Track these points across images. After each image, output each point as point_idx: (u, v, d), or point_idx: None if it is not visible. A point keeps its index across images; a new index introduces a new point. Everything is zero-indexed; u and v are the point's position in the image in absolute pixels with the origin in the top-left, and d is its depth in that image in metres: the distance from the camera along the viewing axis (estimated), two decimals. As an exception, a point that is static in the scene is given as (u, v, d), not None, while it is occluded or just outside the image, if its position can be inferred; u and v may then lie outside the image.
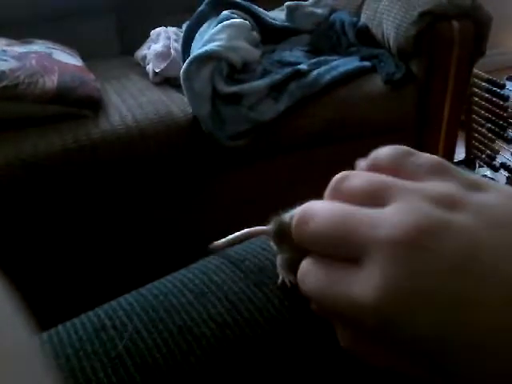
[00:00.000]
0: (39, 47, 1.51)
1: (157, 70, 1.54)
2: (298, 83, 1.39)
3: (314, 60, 1.52)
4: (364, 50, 1.59)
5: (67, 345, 0.29)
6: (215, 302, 0.29)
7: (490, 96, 1.80)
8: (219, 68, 1.36)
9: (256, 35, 1.57)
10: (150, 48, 1.67)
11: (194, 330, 0.28)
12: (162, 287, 0.32)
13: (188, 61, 1.35)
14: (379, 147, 0.29)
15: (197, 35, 1.54)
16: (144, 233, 1.41)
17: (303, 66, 1.44)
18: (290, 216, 0.29)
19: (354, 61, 1.52)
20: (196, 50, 1.42)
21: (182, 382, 0.26)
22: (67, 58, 1.50)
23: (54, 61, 1.42)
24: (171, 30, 1.75)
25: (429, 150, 0.28)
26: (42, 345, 0.30)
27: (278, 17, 1.75)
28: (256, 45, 1.55)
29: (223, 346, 0.27)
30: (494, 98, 1.78)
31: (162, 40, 1.66)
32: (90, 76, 1.44)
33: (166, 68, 1.54)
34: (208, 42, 1.41)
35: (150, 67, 1.58)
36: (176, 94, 1.45)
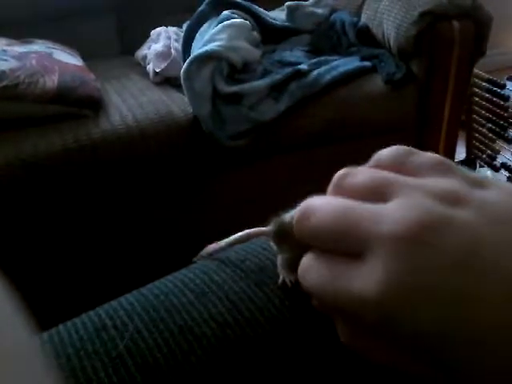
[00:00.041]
0: (39, 47, 1.51)
1: (157, 70, 1.54)
2: (298, 83, 1.39)
3: (315, 60, 1.52)
4: (364, 50, 1.59)
5: (68, 344, 0.29)
6: (216, 302, 0.29)
7: (490, 96, 1.80)
8: (220, 68, 1.36)
9: (256, 35, 1.57)
10: (150, 48, 1.67)
11: (194, 329, 0.28)
12: (163, 287, 0.32)
13: (188, 61, 1.35)
14: (379, 147, 0.29)
15: (197, 35, 1.54)
16: (144, 232, 1.41)
17: (303, 66, 1.44)
18: (289, 216, 0.29)
19: (355, 61, 1.52)
20: (196, 49, 1.42)
21: (182, 382, 0.26)
22: (67, 58, 1.50)
23: (54, 61, 1.42)
24: (171, 29, 1.75)
25: (429, 150, 0.28)
26: (43, 344, 0.30)
27: (278, 17, 1.75)
28: (256, 45, 1.55)
29: (224, 346, 0.27)
30: (494, 98, 1.78)
31: (162, 40, 1.67)
32: (90, 76, 1.44)
33: (166, 68, 1.54)
34: (208, 42, 1.41)
35: (150, 67, 1.58)
36: (176, 94, 1.45)
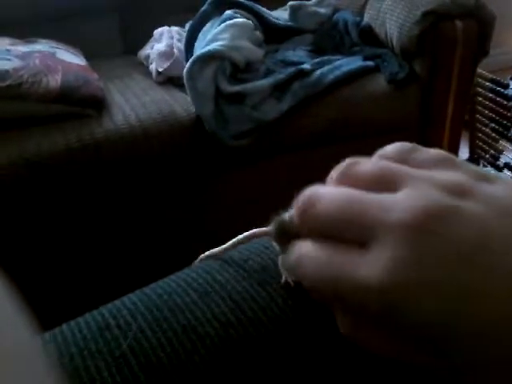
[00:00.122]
0: (43, 46, 1.51)
1: (160, 70, 1.54)
2: (301, 83, 1.39)
3: (317, 60, 1.52)
4: (367, 50, 1.59)
5: (71, 344, 0.29)
6: (219, 302, 0.29)
7: (493, 96, 1.79)
8: (222, 67, 1.36)
9: (259, 35, 1.57)
10: (153, 47, 1.67)
11: (198, 329, 0.28)
12: (166, 286, 0.32)
13: (191, 60, 1.35)
14: (383, 147, 0.29)
15: (200, 35, 1.54)
16: (147, 232, 1.41)
17: (306, 66, 1.44)
18: (289, 215, 0.29)
19: (357, 60, 1.52)
20: (199, 49, 1.42)
21: (186, 381, 0.26)
22: (71, 58, 1.50)
23: (57, 60, 1.42)
24: (174, 29, 1.75)
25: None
26: (46, 344, 0.30)
27: (281, 16, 1.75)
28: (259, 44, 1.54)
29: (227, 346, 0.27)
30: (497, 98, 1.78)
31: (165, 39, 1.67)
32: (93, 75, 1.44)
33: (169, 67, 1.54)
34: (211, 42, 1.41)
35: (153, 67, 1.58)
36: (179, 94, 1.45)
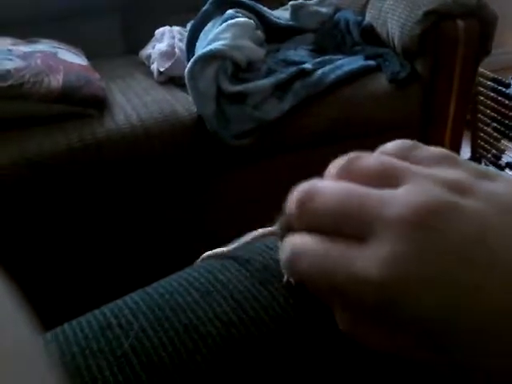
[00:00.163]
0: (44, 46, 1.51)
1: (161, 69, 1.54)
2: (302, 82, 1.39)
3: (319, 59, 1.52)
4: (369, 49, 1.59)
5: (73, 343, 0.29)
6: (220, 301, 0.29)
7: (495, 95, 1.79)
8: (224, 67, 1.36)
9: (260, 34, 1.57)
10: (154, 47, 1.67)
11: (199, 328, 0.28)
12: (168, 286, 0.32)
13: (192, 60, 1.35)
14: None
15: (201, 34, 1.54)
16: (149, 231, 1.41)
17: (308, 65, 1.44)
18: None
19: (359, 60, 1.52)
20: (201, 49, 1.42)
21: (187, 381, 0.26)
22: (72, 58, 1.50)
23: (59, 60, 1.42)
24: (176, 29, 1.75)
25: None
26: (48, 343, 0.30)
27: (282, 16, 1.75)
28: (260, 44, 1.54)
29: (229, 345, 0.27)
30: (499, 97, 1.78)
31: (166, 39, 1.67)
32: (95, 75, 1.44)
33: (170, 67, 1.54)
34: (212, 41, 1.41)
35: (154, 66, 1.58)
36: (181, 93, 1.45)
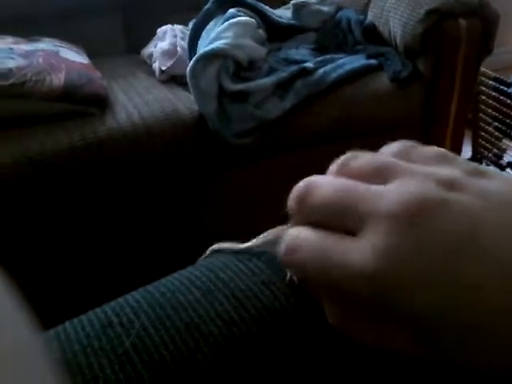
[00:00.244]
0: (46, 45, 1.51)
1: (163, 68, 1.54)
2: (304, 81, 1.39)
3: (320, 58, 1.51)
4: (370, 48, 1.59)
5: (74, 341, 0.29)
6: (222, 300, 0.29)
7: (497, 94, 1.79)
8: (225, 66, 1.36)
9: (262, 33, 1.57)
10: (156, 46, 1.67)
11: (201, 327, 0.28)
12: (169, 284, 0.32)
13: (194, 59, 1.35)
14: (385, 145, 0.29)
15: (203, 33, 1.54)
16: (151, 230, 1.41)
17: (309, 64, 1.44)
18: None
19: (361, 59, 1.51)
20: (202, 48, 1.42)
21: (189, 379, 0.26)
22: (74, 56, 1.50)
23: (60, 59, 1.42)
24: (177, 27, 1.75)
25: None
26: (49, 342, 0.30)
27: (284, 15, 1.75)
28: (262, 43, 1.54)
29: (230, 344, 0.27)
30: (501, 97, 1.77)
31: (168, 38, 1.67)
32: (96, 74, 1.45)
33: (172, 66, 1.54)
34: (214, 40, 1.41)
35: (156, 65, 1.58)
36: (182, 92, 1.45)
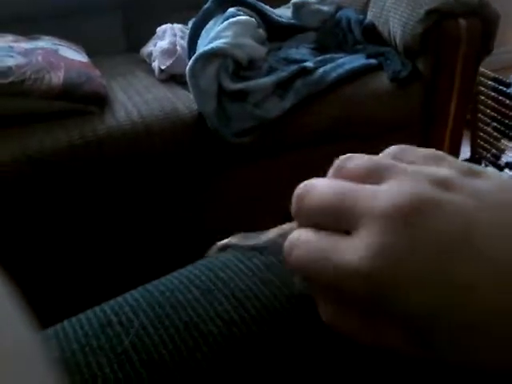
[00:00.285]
0: (45, 43, 1.51)
1: (162, 67, 1.54)
2: (303, 81, 1.39)
3: (320, 57, 1.51)
4: (370, 48, 1.59)
5: (73, 340, 0.29)
6: (222, 300, 0.29)
7: (496, 95, 1.79)
8: (225, 65, 1.36)
9: (262, 32, 1.57)
10: (155, 45, 1.66)
11: (200, 326, 0.28)
12: (169, 283, 0.32)
13: (194, 58, 1.35)
14: (385, 145, 0.29)
15: (203, 32, 1.54)
16: (150, 229, 1.41)
17: (309, 64, 1.44)
18: None
19: (360, 58, 1.52)
20: (202, 47, 1.42)
21: (188, 379, 0.26)
22: (73, 55, 1.50)
23: (60, 57, 1.42)
24: (177, 26, 1.75)
25: (434, 148, 0.29)
26: (48, 340, 0.30)
27: (284, 14, 1.74)
28: (262, 42, 1.54)
29: (230, 344, 0.27)
30: (500, 97, 1.77)
31: (167, 37, 1.66)
32: (96, 72, 1.44)
33: (171, 65, 1.53)
34: (214, 39, 1.41)
35: (155, 64, 1.58)
36: (182, 91, 1.45)
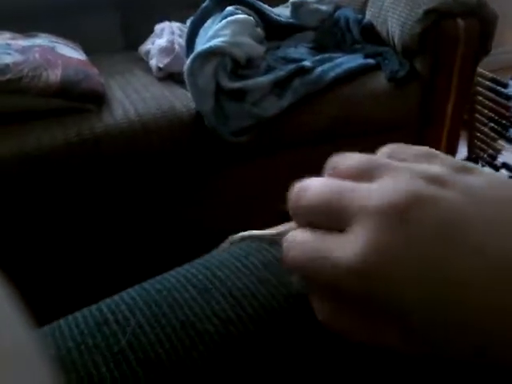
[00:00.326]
0: (43, 41, 1.51)
1: (160, 66, 1.53)
2: (301, 80, 1.39)
3: (319, 57, 1.51)
4: (368, 48, 1.59)
5: (69, 338, 0.29)
6: (219, 298, 0.29)
7: (493, 95, 1.79)
8: (223, 64, 1.36)
9: (260, 31, 1.57)
10: (154, 43, 1.66)
11: (196, 325, 0.28)
12: (166, 282, 0.32)
13: (192, 56, 1.35)
14: (383, 144, 0.29)
15: (201, 31, 1.53)
16: (147, 227, 1.41)
17: (307, 63, 1.44)
18: None
19: (358, 58, 1.52)
20: (200, 45, 1.42)
21: (184, 378, 0.26)
22: (71, 52, 1.50)
23: (57, 54, 1.42)
24: (175, 25, 1.75)
25: (431, 147, 0.29)
26: (44, 338, 0.29)
27: (282, 13, 1.74)
28: (260, 41, 1.54)
29: (226, 342, 0.27)
30: (497, 97, 1.78)
31: (166, 35, 1.66)
32: (93, 70, 1.44)
33: (169, 63, 1.53)
34: (212, 38, 1.41)
35: (153, 62, 1.57)
36: (179, 90, 1.45)
